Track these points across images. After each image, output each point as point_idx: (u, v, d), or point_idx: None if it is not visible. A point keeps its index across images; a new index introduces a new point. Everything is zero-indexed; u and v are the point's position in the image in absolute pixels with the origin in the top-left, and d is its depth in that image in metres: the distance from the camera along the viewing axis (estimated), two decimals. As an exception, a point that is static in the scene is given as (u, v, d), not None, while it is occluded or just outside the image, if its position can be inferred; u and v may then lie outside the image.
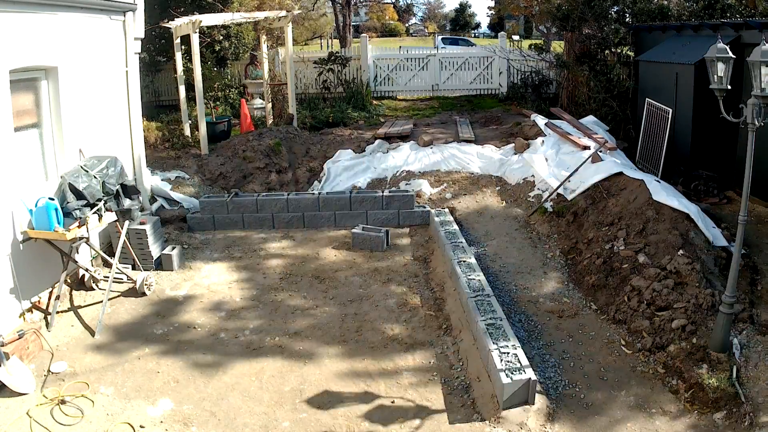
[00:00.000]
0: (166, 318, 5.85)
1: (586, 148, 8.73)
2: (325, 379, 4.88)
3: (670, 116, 8.76)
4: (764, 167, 6.43)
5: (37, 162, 5.95)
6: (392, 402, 4.58)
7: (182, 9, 13.13)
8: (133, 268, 6.59)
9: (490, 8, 43.84)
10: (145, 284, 6.22)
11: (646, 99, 9.62)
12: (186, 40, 11.13)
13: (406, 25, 53.94)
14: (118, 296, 6.22)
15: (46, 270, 5.74)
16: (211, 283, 6.58)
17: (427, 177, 9.30)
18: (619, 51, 12.23)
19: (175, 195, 8.63)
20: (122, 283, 6.33)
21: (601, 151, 8.42)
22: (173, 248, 6.95)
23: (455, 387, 4.73)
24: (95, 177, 5.89)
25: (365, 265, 6.94)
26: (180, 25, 10.69)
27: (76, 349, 5.28)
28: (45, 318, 5.60)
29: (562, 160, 8.74)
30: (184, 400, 4.63)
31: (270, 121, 12.87)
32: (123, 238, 6.22)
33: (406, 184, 9.09)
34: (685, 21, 10.30)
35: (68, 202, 5.60)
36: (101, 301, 5.88)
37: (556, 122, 10.02)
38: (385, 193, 8.14)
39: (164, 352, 5.27)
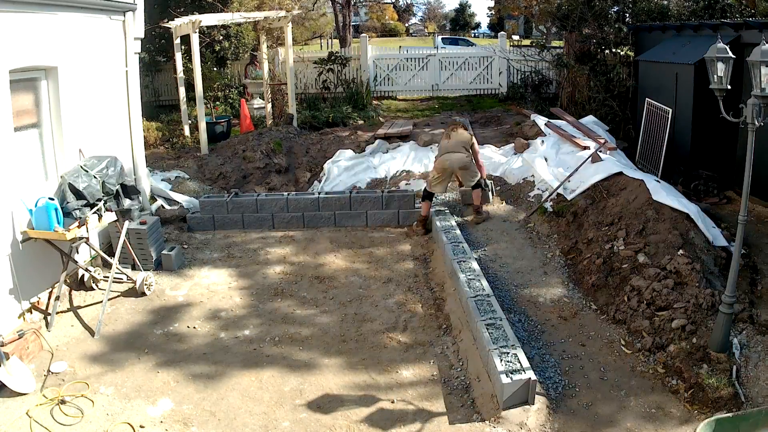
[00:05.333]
0: (166, 318, 5.85)
1: (586, 148, 8.73)
2: (325, 379, 4.88)
3: (670, 116, 8.76)
4: (764, 167, 6.43)
5: (37, 162, 5.95)
6: (392, 402, 4.58)
7: (182, 9, 13.16)
8: (133, 268, 6.59)
9: (490, 8, 43.84)
10: (145, 284, 6.22)
11: (646, 99, 9.62)
12: (186, 40, 11.14)
13: (406, 25, 53.99)
14: (118, 296, 6.22)
15: (45, 270, 5.74)
16: (210, 283, 6.58)
17: (426, 177, 9.29)
18: (619, 51, 12.24)
19: (175, 195, 8.64)
20: (122, 283, 6.33)
21: (601, 151, 8.42)
22: (173, 248, 6.95)
23: (455, 387, 4.73)
24: (95, 177, 5.89)
25: (365, 264, 6.94)
26: (180, 25, 10.69)
27: (76, 349, 5.28)
28: (45, 318, 5.60)
29: (562, 160, 8.74)
30: (183, 400, 4.63)
31: (270, 121, 12.88)
32: (123, 238, 6.22)
33: (406, 184, 9.09)
34: (685, 21, 10.30)
35: (68, 202, 5.60)
36: (101, 301, 5.88)
37: (556, 122, 10.03)
38: (384, 193, 8.14)
39: (164, 352, 5.27)
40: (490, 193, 8.22)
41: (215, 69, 14.63)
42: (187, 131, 11.88)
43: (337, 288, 6.42)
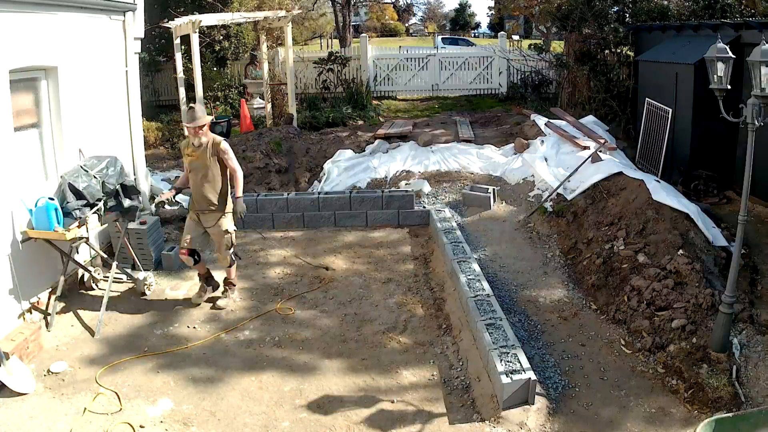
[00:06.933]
0: (166, 318, 5.85)
1: (586, 148, 8.74)
2: (325, 379, 4.88)
3: (670, 116, 8.77)
4: (764, 167, 6.43)
5: (36, 162, 5.95)
6: (392, 402, 4.58)
7: (182, 9, 13.17)
8: (133, 268, 6.58)
9: (490, 8, 43.83)
10: (145, 284, 6.22)
11: (646, 99, 9.63)
12: (186, 40, 11.13)
13: (406, 24, 53.96)
14: (118, 296, 6.22)
15: (45, 270, 5.74)
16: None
17: (426, 177, 9.30)
18: (619, 51, 12.25)
19: (175, 195, 8.63)
20: (122, 283, 6.33)
21: (601, 151, 8.42)
22: (173, 248, 6.95)
23: (455, 387, 4.73)
24: (95, 177, 5.89)
25: (365, 265, 6.94)
26: (180, 25, 10.69)
27: (75, 349, 5.28)
28: (45, 318, 5.59)
29: (562, 160, 8.74)
30: (183, 400, 4.63)
31: (270, 121, 12.89)
32: (123, 238, 6.21)
33: (406, 184, 9.10)
34: (685, 21, 10.30)
35: (68, 202, 5.60)
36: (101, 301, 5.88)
37: (556, 122, 10.03)
38: (385, 193, 8.14)
39: (164, 352, 5.27)
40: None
41: (215, 69, 14.64)
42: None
43: (336, 288, 6.42)
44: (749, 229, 6.50)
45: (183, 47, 11.69)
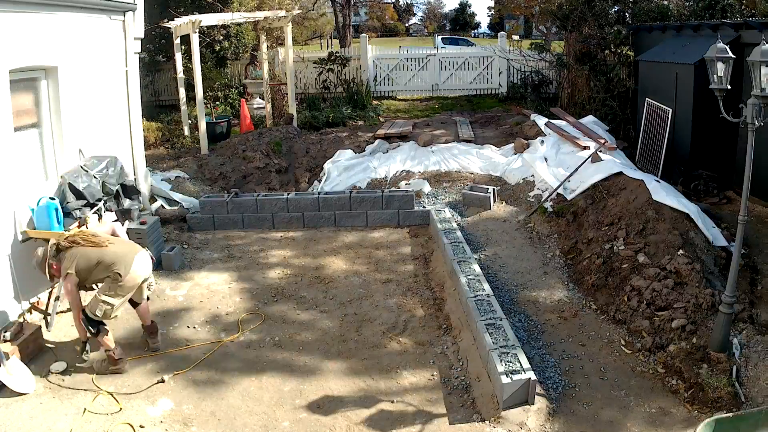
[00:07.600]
0: (166, 318, 5.85)
1: (586, 148, 8.74)
2: (325, 379, 4.88)
3: (670, 116, 8.77)
4: (764, 167, 6.43)
5: (37, 162, 5.95)
6: (392, 402, 4.58)
7: (182, 9, 13.15)
8: (133, 268, 6.57)
9: (490, 8, 43.86)
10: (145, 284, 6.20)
11: (646, 99, 9.63)
12: (186, 40, 11.14)
13: (406, 24, 54.02)
14: (118, 296, 6.21)
15: (45, 270, 5.73)
16: (210, 283, 6.58)
17: (426, 177, 9.30)
18: (619, 51, 12.25)
19: (175, 195, 8.64)
20: (122, 283, 6.31)
21: (601, 151, 8.42)
22: (173, 248, 6.95)
23: (455, 387, 4.73)
24: (95, 177, 5.90)
25: (365, 265, 6.94)
26: (180, 25, 10.69)
27: (75, 349, 5.28)
28: (45, 318, 5.59)
29: (562, 160, 8.74)
30: (183, 400, 4.63)
31: (270, 121, 12.88)
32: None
33: (406, 184, 9.10)
34: (685, 21, 10.30)
35: (68, 202, 5.61)
36: (101, 301, 5.87)
37: (556, 122, 10.03)
38: (385, 193, 8.14)
39: (164, 352, 5.26)
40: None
41: (215, 69, 14.62)
42: (187, 131, 11.88)
43: (336, 288, 6.42)
44: (749, 229, 6.50)
45: (183, 47, 11.69)
